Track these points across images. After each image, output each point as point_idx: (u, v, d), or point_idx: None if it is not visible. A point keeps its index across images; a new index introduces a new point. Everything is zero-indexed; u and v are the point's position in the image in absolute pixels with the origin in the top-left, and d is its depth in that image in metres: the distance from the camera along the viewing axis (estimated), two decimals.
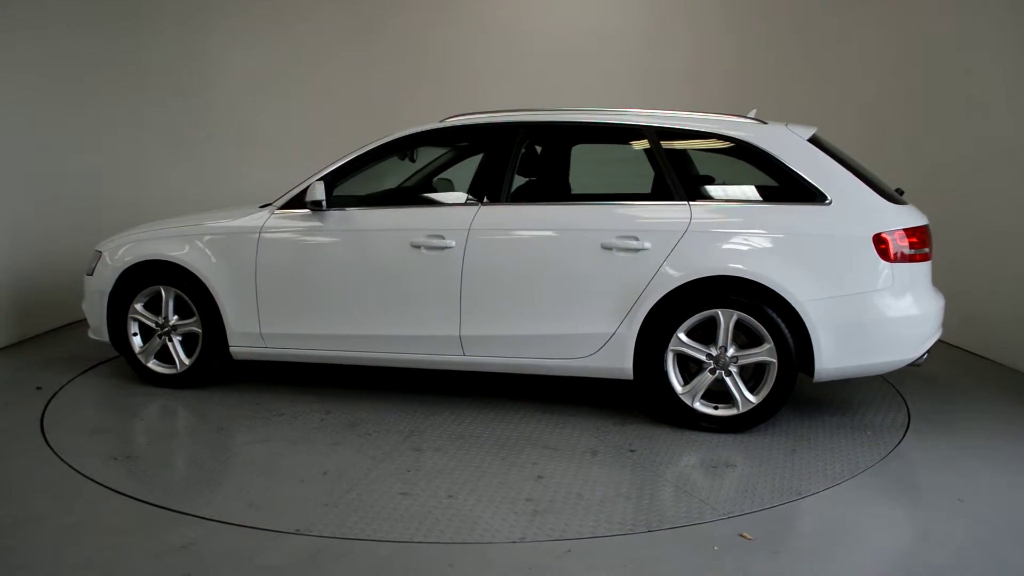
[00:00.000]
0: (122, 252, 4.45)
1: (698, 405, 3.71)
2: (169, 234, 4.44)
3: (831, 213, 3.61)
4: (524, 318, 3.86)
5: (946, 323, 3.84)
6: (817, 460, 3.40)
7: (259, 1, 7.59)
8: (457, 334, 3.92)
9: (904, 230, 3.60)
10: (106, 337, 4.46)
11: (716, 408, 3.71)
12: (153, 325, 4.38)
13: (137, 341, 4.42)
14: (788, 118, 4.07)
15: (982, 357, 5.08)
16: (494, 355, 3.94)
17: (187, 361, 4.37)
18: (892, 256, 3.55)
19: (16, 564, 2.55)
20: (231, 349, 4.28)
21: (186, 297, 4.30)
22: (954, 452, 3.53)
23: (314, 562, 2.55)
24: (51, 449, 3.53)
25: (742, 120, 3.92)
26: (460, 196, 4.29)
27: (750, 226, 3.67)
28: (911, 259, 3.59)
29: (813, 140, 3.82)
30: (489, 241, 3.90)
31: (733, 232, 3.67)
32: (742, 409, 3.66)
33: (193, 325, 4.31)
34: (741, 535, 2.73)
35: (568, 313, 3.80)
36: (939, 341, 3.82)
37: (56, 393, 4.36)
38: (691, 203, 3.75)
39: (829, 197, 3.63)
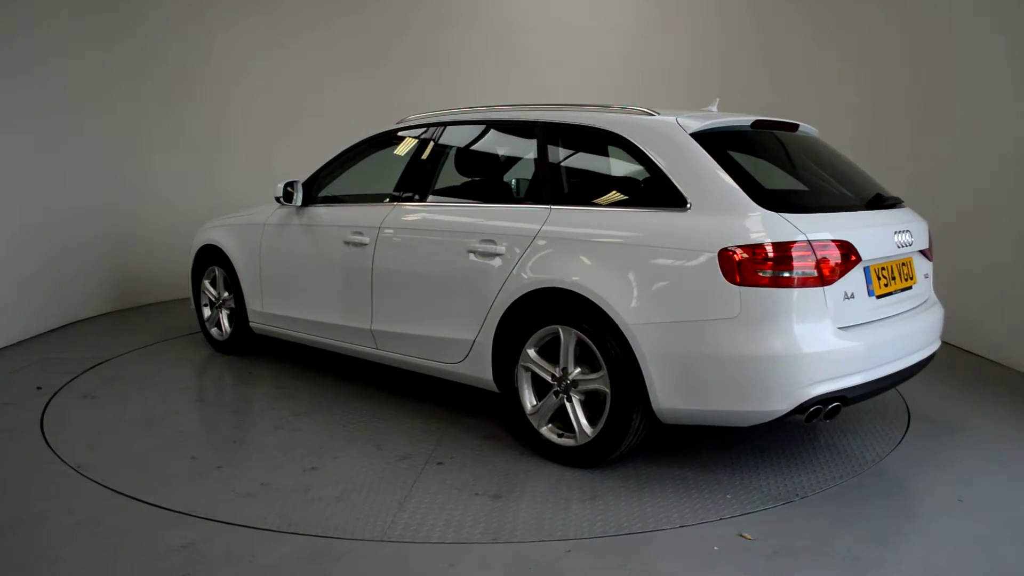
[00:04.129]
0: (199, 237, 5.33)
1: (544, 430, 3.38)
2: (224, 223, 5.18)
3: (683, 221, 3.04)
4: (413, 317, 3.91)
5: (946, 323, 3.76)
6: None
7: (264, 5, 7.62)
8: (369, 328, 4.10)
9: (769, 245, 2.84)
10: (193, 306, 5.45)
11: (561, 436, 3.34)
12: (213, 299, 5.25)
13: (207, 312, 5.33)
14: (789, 117, 4.02)
15: (982, 357, 5.08)
16: (395, 351, 4.03)
17: (229, 330, 5.16)
18: (739, 278, 2.86)
19: (16, 564, 2.55)
20: (250, 324, 4.95)
21: (227, 277, 5.07)
22: (954, 452, 3.52)
23: (314, 562, 2.55)
24: (51, 449, 3.53)
25: (628, 111, 3.46)
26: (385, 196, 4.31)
27: (597, 234, 3.24)
28: (780, 283, 2.83)
29: (717, 133, 3.27)
30: (392, 240, 3.99)
31: (578, 240, 3.27)
32: (579, 441, 3.26)
33: (232, 301, 5.08)
34: (741, 535, 2.73)
35: (442, 316, 3.75)
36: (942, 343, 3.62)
37: (56, 393, 4.36)
38: (553, 206, 3.43)
39: (689, 202, 3.06)
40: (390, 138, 4.45)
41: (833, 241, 2.96)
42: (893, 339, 3.15)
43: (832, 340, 2.91)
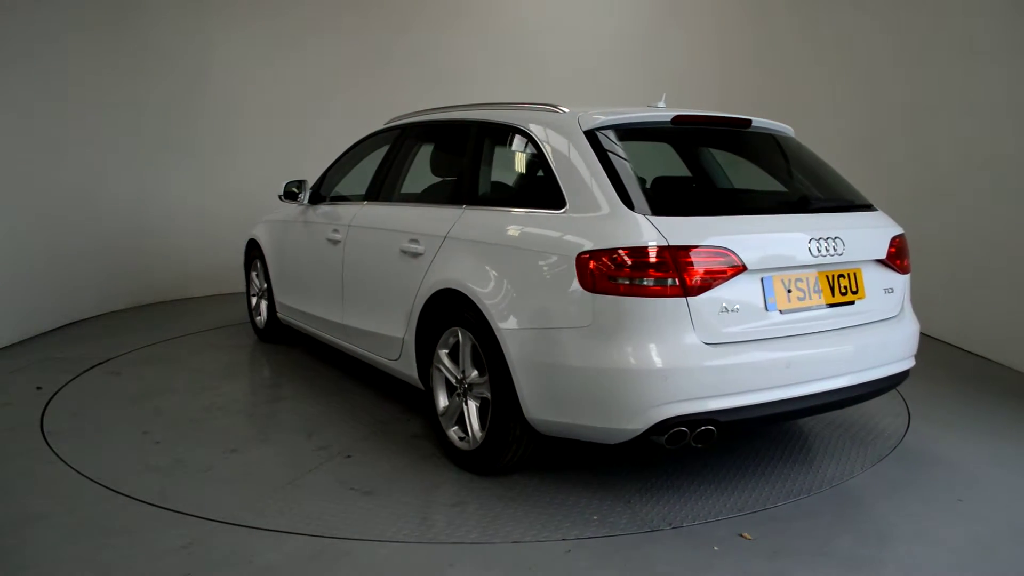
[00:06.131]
0: (249, 232, 5.63)
1: (451, 431, 3.32)
2: (265, 219, 5.43)
3: (555, 222, 2.92)
4: (367, 313, 4.01)
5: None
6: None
7: (267, 9, 7.62)
8: (342, 322, 4.25)
9: (623, 251, 2.64)
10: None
11: (462, 439, 3.28)
12: (256, 290, 5.57)
13: (254, 301, 5.64)
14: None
15: (982, 357, 5.08)
16: (359, 346, 4.15)
17: (265, 319, 5.48)
18: (593, 285, 2.69)
19: (16, 564, 2.55)
20: (277, 314, 5.21)
21: (265, 269, 5.33)
22: (954, 452, 3.52)
23: (314, 562, 2.55)
24: (51, 449, 3.53)
25: (539, 108, 3.36)
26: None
27: (488, 235, 3.18)
28: (633, 292, 2.63)
29: (621, 130, 3.06)
30: (357, 239, 4.11)
31: (471, 241, 3.25)
32: (471, 446, 3.20)
33: (267, 292, 5.35)
34: (741, 535, 2.73)
35: (383, 313, 3.82)
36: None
37: (56, 393, 4.36)
38: (467, 207, 3.41)
39: (567, 203, 2.93)
40: (374, 139, 4.59)
41: (705, 247, 2.69)
42: (803, 359, 2.82)
43: (694, 357, 2.64)
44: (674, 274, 2.63)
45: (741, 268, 2.74)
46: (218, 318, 6.41)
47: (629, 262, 2.64)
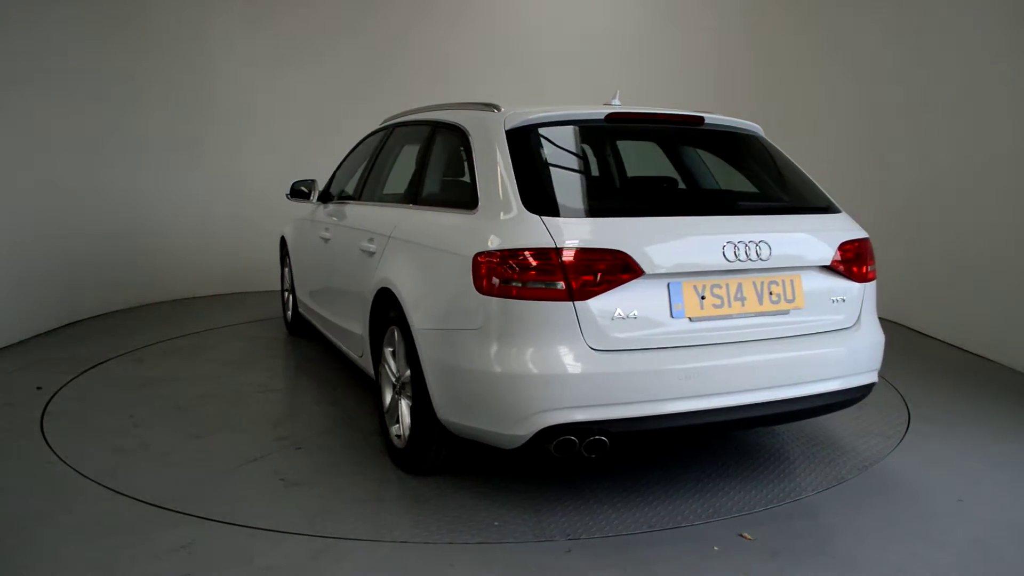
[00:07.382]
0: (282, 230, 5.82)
1: (393, 428, 3.28)
2: (294, 217, 5.48)
3: (464, 223, 2.89)
4: (342, 310, 4.11)
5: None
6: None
7: (269, 17, 7.63)
8: (331, 318, 4.37)
9: (510, 252, 2.59)
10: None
11: (399, 438, 3.23)
12: (287, 285, 5.74)
13: (285, 296, 5.81)
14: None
15: (982, 357, 5.08)
16: (339, 341, 4.25)
17: (291, 314, 5.64)
18: (485, 286, 2.64)
19: (16, 564, 2.55)
20: (299, 310, 5.35)
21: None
22: (954, 452, 3.52)
23: (314, 562, 2.55)
24: (51, 449, 3.53)
25: (480, 108, 3.25)
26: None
27: (414, 235, 3.22)
28: (520, 294, 2.56)
29: (546, 130, 2.98)
30: (339, 238, 4.21)
31: (404, 241, 3.28)
32: (402, 444, 3.19)
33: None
34: (741, 535, 2.73)
35: (350, 311, 3.92)
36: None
37: (56, 393, 4.36)
38: (412, 207, 3.45)
39: (480, 203, 2.87)
40: (369, 139, 4.67)
41: (596, 250, 2.57)
42: (712, 370, 2.66)
43: (580, 363, 2.54)
44: (560, 277, 2.55)
45: (638, 272, 2.61)
46: (226, 316, 6.41)
47: (516, 264, 2.58)
